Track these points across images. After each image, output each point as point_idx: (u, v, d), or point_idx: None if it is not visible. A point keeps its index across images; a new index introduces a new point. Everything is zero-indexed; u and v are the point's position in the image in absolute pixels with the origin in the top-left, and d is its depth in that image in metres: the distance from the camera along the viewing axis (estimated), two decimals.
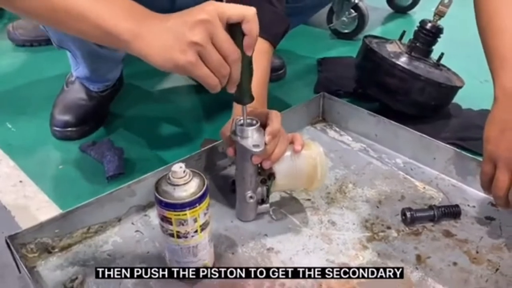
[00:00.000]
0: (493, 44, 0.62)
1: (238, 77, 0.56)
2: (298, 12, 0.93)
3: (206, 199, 0.57)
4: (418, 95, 0.91)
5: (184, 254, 0.59)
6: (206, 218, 0.58)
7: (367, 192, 0.77)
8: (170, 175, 0.56)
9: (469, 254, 0.65)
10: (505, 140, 0.59)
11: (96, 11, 0.51)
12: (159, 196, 0.55)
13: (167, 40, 0.50)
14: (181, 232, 0.57)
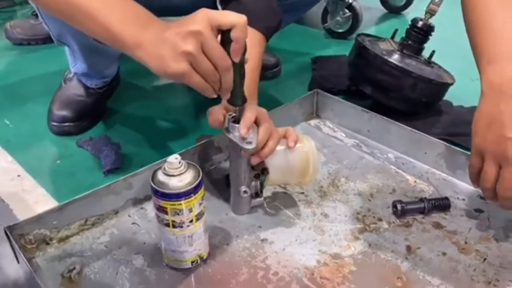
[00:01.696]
0: (480, 42, 0.64)
1: (230, 84, 0.58)
2: (291, 9, 0.94)
3: (201, 190, 0.58)
4: (409, 92, 0.93)
5: (180, 243, 0.60)
6: (201, 208, 0.59)
7: (359, 185, 0.79)
8: (166, 166, 0.57)
9: (458, 245, 0.67)
10: (492, 134, 0.60)
11: (105, 13, 0.55)
12: (155, 186, 0.57)
13: (163, 50, 0.53)
14: (177, 222, 0.58)
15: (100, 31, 0.56)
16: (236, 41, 0.54)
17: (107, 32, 0.56)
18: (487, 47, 0.63)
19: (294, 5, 0.95)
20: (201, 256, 0.63)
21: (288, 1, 0.91)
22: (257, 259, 0.65)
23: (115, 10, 0.56)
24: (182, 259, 0.61)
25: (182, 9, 1.07)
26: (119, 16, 0.56)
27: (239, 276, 0.62)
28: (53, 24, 0.84)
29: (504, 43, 0.62)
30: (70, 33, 0.83)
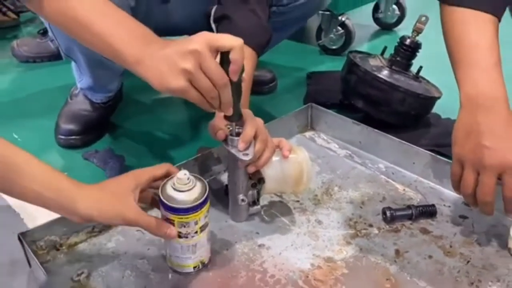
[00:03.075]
0: (457, 57, 0.69)
1: (229, 100, 0.62)
2: (282, 27, 1.00)
3: (207, 204, 0.62)
4: (398, 105, 0.98)
5: (184, 251, 0.64)
6: (206, 220, 0.63)
7: (351, 194, 0.84)
8: (175, 181, 0.61)
9: (444, 249, 0.72)
10: (470, 143, 0.65)
11: (111, 32, 0.60)
12: (164, 200, 0.60)
13: (163, 67, 0.57)
14: (182, 233, 0.62)
15: (105, 48, 0.61)
16: (234, 62, 0.58)
17: (111, 49, 0.60)
18: (463, 61, 0.68)
19: (284, 23, 1.01)
20: (202, 262, 0.67)
21: (278, 19, 0.96)
22: (255, 263, 0.69)
23: (119, 29, 0.61)
24: (185, 264, 0.65)
25: (179, 29, 1.13)
26: (122, 34, 0.60)
27: (238, 279, 0.66)
28: (62, 39, 0.89)
29: (478, 57, 0.67)
30: (78, 48, 0.88)
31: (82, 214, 0.56)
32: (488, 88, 0.66)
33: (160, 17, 0.97)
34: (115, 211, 0.58)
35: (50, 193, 0.55)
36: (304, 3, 0.99)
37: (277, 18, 0.97)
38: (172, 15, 1.00)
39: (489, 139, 0.64)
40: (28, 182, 0.54)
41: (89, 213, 0.56)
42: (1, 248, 0.73)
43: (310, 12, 1.05)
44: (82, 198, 0.56)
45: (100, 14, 0.62)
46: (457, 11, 0.71)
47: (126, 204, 0.59)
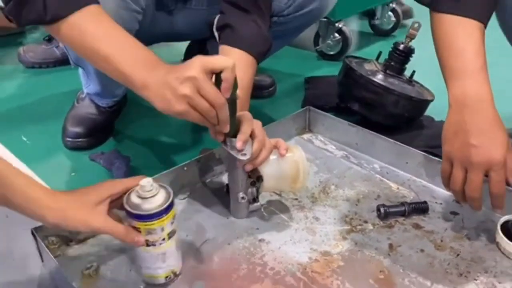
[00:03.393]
0: (446, 61, 0.73)
1: (226, 118, 0.67)
2: (281, 35, 1.04)
3: (172, 210, 0.63)
4: (393, 108, 1.02)
5: (154, 260, 0.64)
6: (173, 227, 0.64)
7: (347, 192, 0.87)
8: (139, 189, 0.61)
9: (435, 243, 0.75)
10: (458, 141, 0.69)
11: (119, 58, 0.66)
12: (129, 208, 0.61)
13: (165, 93, 0.64)
14: (150, 241, 0.62)
15: (114, 72, 0.67)
16: (225, 81, 0.64)
17: (120, 74, 0.66)
18: (452, 65, 0.72)
19: (284, 32, 1.05)
20: (174, 272, 0.67)
21: (279, 28, 1.01)
22: (255, 257, 0.72)
23: (127, 55, 0.67)
24: (157, 275, 0.66)
25: (183, 36, 1.18)
26: (130, 60, 0.66)
27: (240, 271, 0.70)
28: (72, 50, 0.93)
29: (466, 61, 0.71)
30: None
31: (50, 223, 0.59)
32: (475, 90, 0.70)
33: (165, 26, 1.01)
34: (80, 220, 0.60)
35: (23, 202, 0.58)
36: (303, 14, 1.03)
37: (278, 27, 1.01)
38: (176, 24, 1.04)
39: (475, 138, 0.68)
40: (12, 192, 0.58)
41: (56, 221, 0.59)
42: (14, 243, 0.76)
43: (309, 22, 1.10)
44: (50, 208, 0.59)
45: (107, 38, 0.67)
46: (446, 18, 0.75)
47: (92, 212, 0.60)
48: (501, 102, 0.74)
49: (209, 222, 0.80)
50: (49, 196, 0.60)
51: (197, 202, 0.85)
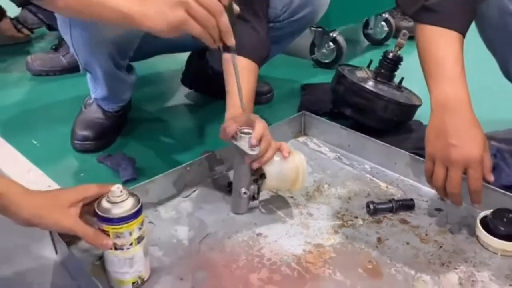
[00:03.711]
0: (429, 68, 0.79)
1: (228, 28, 0.66)
2: (278, 40, 1.11)
3: (140, 216, 0.66)
4: (382, 113, 1.08)
5: (121, 265, 0.67)
6: (140, 232, 0.66)
7: (340, 191, 0.93)
8: (109, 194, 0.64)
9: (420, 236, 0.81)
10: (439, 142, 0.75)
11: (113, 1, 0.67)
12: (100, 212, 0.64)
13: (162, 7, 0.65)
14: (118, 244, 0.65)
15: (113, 13, 0.68)
16: None
17: (118, 13, 0.67)
18: (433, 72, 0.78)
19: (281, 37, 1.12)
20: (141, 278, 0.69)
21: (276, 34, 1.08)
22: (253, 249, 0.78)
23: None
24: (124, 279, 0.68)
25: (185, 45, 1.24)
26: (123, 1, 0.67)
27: (239, 262, 0.75)
28: (82, 54, 0.99)
29: (446, 68, 0.77)
30: (96, 62, 0.99)
31: (24, 219, 0.62)
32: (454, 95, 0.76)
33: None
34: (53, 219, 0.63)
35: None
36: (297, 19, 1.10)
37: (275, 33, 1.08)
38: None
39: (455, 138, 0.74)
40: None
41: (30, 219, 0.62)
42: (30, 238, 0.82)
43: (303, 27, 1.16)
44: (26, 205, 0.61)
45: None
46: (428, 29, 0.81)
47: (64, 213, 0.63)
48: (479, 106, 0.81)
49: (210, 218, 0.86)
50: (25, 193, 0.63)
51: (199, 199, 0.90)
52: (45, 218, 0.63)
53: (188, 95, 1.41)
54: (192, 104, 1.36)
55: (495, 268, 0.74)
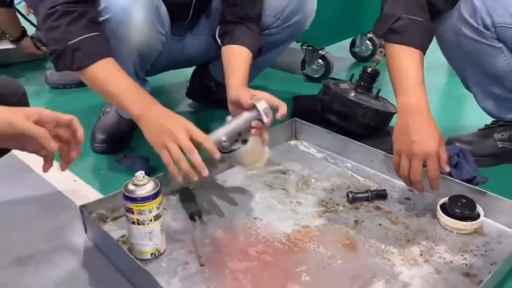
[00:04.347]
0: (395, 79, 0.96)
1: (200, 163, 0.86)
2: (273, 47, 1.29)
3: (159, 197, 0.80)
4: (362, 119, 1.25)
5: (142, 237, 0.82)
6: (158, 211, 0.81)
7: (325, 184, 1.09)
8: (134, 179, 0.80)
9: (390, 219, 0.97)
10: (404, 139, 0.91)
11: (122, 97, 0.93)
12: (126, 193, 0.79)
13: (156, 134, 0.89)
14: (140, 220, 0.80)
15: (119, 106, 0.97)
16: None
17: (123, 108, 0.95)
18: (399, 82, 0.95)
19: (275, 43, 1.30)
20: (158, 250, 0.84)
21: (270, 40, 1.26)
22: (251, 229, 0.93)
23: (128, 95, 0.93)
24: (144, 250, 0.83)
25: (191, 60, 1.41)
26: (131, 100, 0.92)
27: (239, 238, 0.91)
28: None
29: (408, 79, 0.94)
30: None
31: None
32: (415, 101, 0.93)
33: (176, 52, 1.25)
34: (5, 119, 0.67)
35: None
36: (289, 25, 1.28)
37: (270, 39, 1.27)
38: (186, 49, 1.29)
39: (415, 136, 0.90)
40: None
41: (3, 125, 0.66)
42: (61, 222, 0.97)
43: (295, 32, 1.33)
44: None
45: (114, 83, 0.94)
46: (395, 47, 0.98)
47: (16, 114, 0.68)
48: (449, 113, 0.97)
49: (215, 206, 1.01)
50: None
51: (203, 191, 1.06)
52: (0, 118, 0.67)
53: (193, 105, 1.58)
54: (196, 112, 1.53)
55: (450, 243, 0.90)
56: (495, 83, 1.10)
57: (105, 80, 0.95)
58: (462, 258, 0.86)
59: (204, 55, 1.37)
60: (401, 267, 0.84)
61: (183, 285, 0.80)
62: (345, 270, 0.83)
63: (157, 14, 1.07)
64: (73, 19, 0.93)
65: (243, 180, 1.10)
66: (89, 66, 0.94)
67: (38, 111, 0.71)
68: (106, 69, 0.95)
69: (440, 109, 1.49)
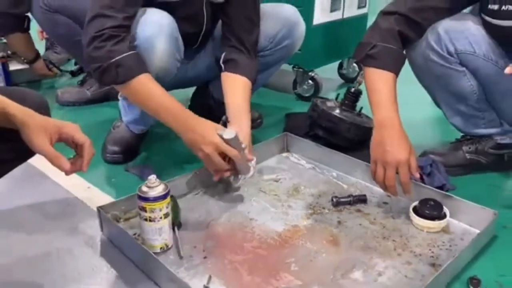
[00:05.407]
0: (371, 98, 1.11)
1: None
2: (266, 68, 1.45)
3: (167, 198, 0.94)
4: (346, 133, 1.39)
5: (153, 233, 0.94)
6: (167, 210, 0.94)
7: (313, 190, 1.23)
8: (147, 182, 0.93)
9: (369, 220, 1.10)
10: (379, 149, 1.06)
11: (164, 111, 1.09)
12: (140, 193, 0.92)
13: (191, 143, 1.07)
14: (151, 217, 0.92)
15: (165, 122, 1.11)
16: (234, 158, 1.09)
17: (168, 124, 1.10)
18: (374, 101, 1.10)
19: (268, 64, 1.46)
20: (166, 244, 0.96)
21: (264, 61, 1.42)
22: (247, 228, 1.07)
23: (172, 115, 1.10)
24: (154, 244, 0.95)
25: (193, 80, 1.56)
26: (173, 117, 1.09)
27: (236, 236, 1.04)
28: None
29: (382, 99, 1.09)
30: None
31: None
32: (388, 117, 1.08)
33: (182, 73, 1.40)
34: (26, 136, 0.76)
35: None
36: (281, 48, 1.44)
37: (264, 60, 1.44)
38: (190, 71, 1.44)
39: (388, 145, 1.05)
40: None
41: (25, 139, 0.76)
42: (77, 222, 1.10)
43: (286, 55, 1.49)
44: (26, 121, 0.76)
45: (155, 98, 1.09)
46: (371, 70, 1.14)
47: (37, 133, 0.76)
48: (424, 130, 1.11)
49: (215, 208, 1.14)
50: (24, 112, 0.78)
51: (206, 196, 1.20)
52: (26, 135, 0.77)
53: None
54: None
55: (420, 239, 1.03)
56: (461, 102, 1.26)
57: (147, 94, 1.10)
58: (430, 252, 0.99)
59: (206, 76, 1.52)
60: (377, 259, 0.97)
61: (189, 273, 0.92)
62: (329, 262, 0.96)
63: (176, 44, 1.23)
64: (117, 41, 1.07)
65: (240, 187, 1.24)
66: (131, 80, 1.08)
67: (58, 130, 0.80)
68: (146, 83, 1.09)
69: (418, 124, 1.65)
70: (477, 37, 1.17)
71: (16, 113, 0.77)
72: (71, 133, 0.82)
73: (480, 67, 1.19)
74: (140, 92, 1.10)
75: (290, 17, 1.42)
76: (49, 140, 0.78)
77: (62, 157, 0.78)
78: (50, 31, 1.79)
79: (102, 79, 1.10)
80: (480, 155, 1.31)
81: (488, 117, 1.28)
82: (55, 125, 0.80)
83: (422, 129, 1.60)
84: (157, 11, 1.18)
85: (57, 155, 0.77)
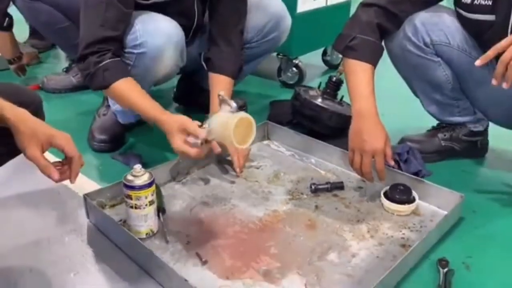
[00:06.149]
0: (350, 88, 1.14)
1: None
2: (252, 59, 1.49)
3: (152, 186, 0.97)
4: (328, 121, 1.44)
5: (139, 219, 0.98)
6: (152, 198, 0.98)
7: (292, 177, 1.28)
8: (133, 171, 0.97)
9: (345, 204, 1.16)
10: (357, 138, 1.10)
11: (145, 108, 1.13)
12: (126, 182, 0.96)
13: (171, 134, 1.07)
14: (137, 205, 0.96)
15: (140, 113, 1.14)
16: None
17: (146, 117, 1.13)
18: (353, 92, 1.14)
19: (254, 56, 1.49)
20: (152, 230, 1.00)
21: (249, 53, 1.45)
22: (229, 214, 1.12)
23: (146, 105, 1.12)
24: (140, 230, 0.99)
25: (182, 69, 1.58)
26: (149, 108, 1.12)
27: (219, 221, 1.09)
28: None
29: (360, 89, 1.13)
30: None
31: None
32: (366, 107, 1.12)
33: None
34: (23, 147, 0.78)
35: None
36: (267, 41, 1.48)
37: (251, 52, 1.47)
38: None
39: (365, 135, 1.09)
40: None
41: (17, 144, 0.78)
42: (65, 211, 1.13)
43: (271, 48, 1.53)
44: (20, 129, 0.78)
45: (135, 97, 1.14)
46: (350, 61, 1.17)
47: (30, 142, 0.77)
48: (401, 116, 1.15)
49: (197, 195, 1.19)
50: (17, 116, 0.79)
51: (188, 183, 1.24)
52: (17, 141, 0.79)
53: (179, 109, 1.75)
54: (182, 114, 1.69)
55: (392, 222, 1.09)
56: (437, 91, 1.31)
57: (128, 95, 1.16)
58: (401, 233, 1.05)
59: (192, 66, 1.54)
60: (351, 241, 1.03)
61: (173, 257, 0.97)
62: (306, 244, 1.02)
63: (182, 54, 1.29)
64: (105, 53, 1.15)
65: (221, 174, 1.28)
66: (114, 83, 1.15)
67: (48, 140, 0.80)
68: (127, 86, 1.16)
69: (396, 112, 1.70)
70: (452, 29, 1.21)
71: (10, 117, 0.79)
72: (62, 145, 0.83)
73: (455, 57, 1.23)
74: (122, 93, 1.16)
75: (278, 10, 1.46)
76: (40, 148, 0.79)
77: (51, 167, 0.80)
78: (32, 19, 1.79)
79: (92, 83, 1.18)
80: (454, 142, 1.37)
81: (463, 106, 1.34)
82: (47, 133, 0.81)
83: (400, 117, 1.65)
84: (164, 18, 1.24)
85: (46, 165, 0.79)
